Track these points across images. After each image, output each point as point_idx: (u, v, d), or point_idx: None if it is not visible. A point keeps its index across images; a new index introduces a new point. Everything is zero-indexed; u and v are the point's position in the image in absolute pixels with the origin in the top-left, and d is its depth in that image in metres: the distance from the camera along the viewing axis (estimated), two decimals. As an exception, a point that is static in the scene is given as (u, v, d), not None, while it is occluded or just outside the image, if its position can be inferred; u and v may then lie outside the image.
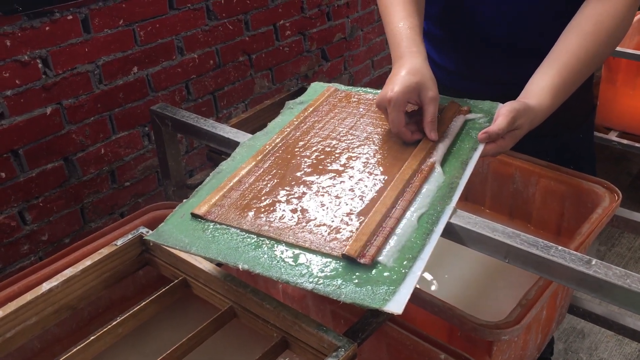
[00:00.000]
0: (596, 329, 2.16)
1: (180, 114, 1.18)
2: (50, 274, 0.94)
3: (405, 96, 0.94)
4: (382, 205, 0.84)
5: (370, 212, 0.83)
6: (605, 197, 1.11)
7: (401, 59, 1.00)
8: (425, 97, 0.95)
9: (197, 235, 0.84)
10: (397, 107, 0.94)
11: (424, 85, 0.95)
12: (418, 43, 1.02)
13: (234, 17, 2.20)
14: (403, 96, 0.94)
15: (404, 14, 1.07)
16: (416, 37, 1.04)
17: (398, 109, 0.94)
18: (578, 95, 1.06)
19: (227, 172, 0.96)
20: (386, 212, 0.83)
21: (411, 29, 1.04)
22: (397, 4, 1.08)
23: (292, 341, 0.82)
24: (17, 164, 1.73)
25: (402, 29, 1.04)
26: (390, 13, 1.09)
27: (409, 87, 0.94)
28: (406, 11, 1.07)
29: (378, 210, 0.83)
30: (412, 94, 0.95)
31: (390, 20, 1.08)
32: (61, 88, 1.76)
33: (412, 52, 1.00)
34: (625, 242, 2.56)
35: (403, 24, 1.05)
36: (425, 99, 0.96)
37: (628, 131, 2.64)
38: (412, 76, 0.95)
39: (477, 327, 0.88)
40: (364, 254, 0.76)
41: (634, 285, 0.70)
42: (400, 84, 0.94)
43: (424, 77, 0.96)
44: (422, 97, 0.96)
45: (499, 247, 0.80)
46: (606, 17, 1.00)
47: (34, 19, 1.65)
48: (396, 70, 0.98)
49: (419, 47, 1.01)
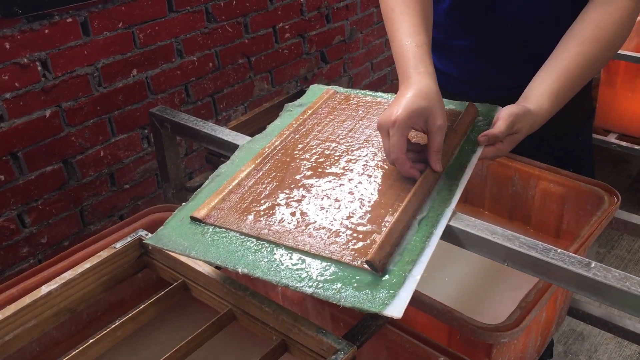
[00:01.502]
0: (596, 331, 2.16)
1: (180, 117, 1.18)
2: (50, 277, 0.94)
3: (411, 120, 0.87)
4: (404, 214, 0.81)
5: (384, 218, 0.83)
6: (605, 199, 1.11)
7: (409, 80, 0.92)
8: (433, 124, 0.88)
9: (196, 238, 0.84)
10: (401, 130, 0.86)
11: (432, 111, 0.88)
12: (427, 63, 0.95)
13: (233, 20, 2.20)
14: (408, 120, 0.86)
15: (411, 29, 0.99)
16: (424, 55, 0.96)
17: (401, 132, 0.86)
18: (577, 99, 1.06)
19: (226, 175, 0.96)
20: (406, 223, 0.81)
21: (419, 46, 0.96)
22: (404, 19, 1.00)
23: (292, 344, 0.82)
24: (16, 166, 1.73)
25: (410, 47, 0.96)
26: (396, 28, 1.01)
27: (416, 112, 0.87)
28: (414, 27, 0.99)
29: (400, 219, 0.80)
30: (419, 118, 0.87)
31: (396, 36, 1.00)
32: (60, 90, 1.76)
33: (420, 72, 0.92)
34: (625, 244, 2.56)
35: (410, 41, 0.97)
36: (433, 126, 0.88)
37: (627, 133, 2.65)
38: (421, 100, 0.88)
39: (477, 330, 0.88)
40: (383, 265, 0.75)
41: (633, 287, 0.70)
42: (407, 106, 0.87)
43: (432, 102, 0.88)
44: (430, 124, 0.88)
45: (498, 249, 0.80)
46: (606, 23, 1.00)
47: (33, 21, 1.65)
48: (403, 91, 0.91)
49: (427, 68, 0.94)
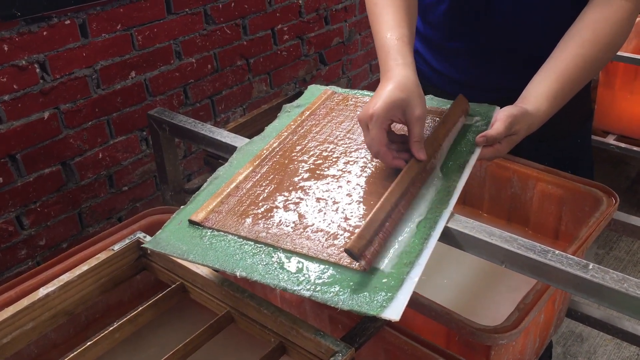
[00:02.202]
0: (594, 333, 2.16)
1: (178, 119, 1.18)
2: (48, 279, 0.94)
3: (389, 113, 0.87)
4: (386, 203, 0.81)
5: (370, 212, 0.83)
6: (603, 200, 1.11)
7: (388, 72, 0.93)
8: (412, 115, 0.88)
9: (194, 242, 0.83)
10: (379, 123, 0.86)
11: (410, 102, 0.88)
12: (405, 54, 0.95)
13: (231, 22, 2.21)
14: (386, 113, 0.86)
15: (392, 23, 0.99)
16: (404, 48, 0.96)
17: (379, 125, 0.87)
18: (575, 101, 1.06)
19: (224, 177, 0.96)
20: (389, 212, 0.80)
21: (399, 39, 0.97)
22: (386, 13, 1.01)
23: (290, 346, 0.82)
24: (15, 168, 1.73)
25: (390, 40, 0.97)
26: (378, 22, 1.02)
27: (394, 104, 0.87)
28: (395, 21, 1.00)
29: (382, 207, 0.80)
30: (397, 110, 0.87)
31: (378, 29, 1.01)
32: (59, 93, 1.76)
33: (398, 64, 0.93)
34: (624, 246, 2.56)
35: (391, 35, 0.98)
36: (412, 117, 0.88)
37: (626, 135, 2.65)
38: (399, 92, 0.88)
39: (475, 332, 0.88)
40: (364, 254, 0.74)
41: (631, 289, 0.70)
42: (384, 99, 0.87)
43: (410, 94, 0.88)
44: (408, 115, 0.88)
45: (496, 251, 0.80)
46: (605, 24, 1.00)
47: (31, 23, 1.65)
48: (382, 84, 0.91)
49: (406, 59, 0.94)
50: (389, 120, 0.88)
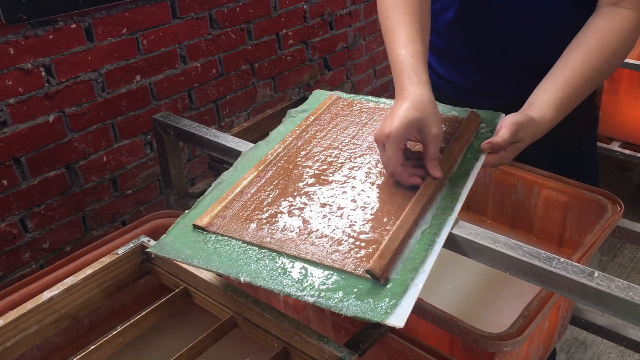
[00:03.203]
0: (598, 340, 2.15)
1: (182, 123, 1.18)
2: (51, 283, 0.94)
3: (406, 133, 0.87)
4: (405, 222, 0.81)
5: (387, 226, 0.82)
6: (608, 207, 1.11)
7: (403, 91, 0.93)
8: (428, 134, 0.88)
9: (199, 247, 0.83)
10: (395, 143, 0.87)
11: (427, 121, 0.88)
12: (420, 72, 0.95)
13: (236, 26, 2.21)
14: (402, 133, 0.87)
15: (406, 39, 0.99)
16: (418, 65, 0.96)
17: (396, 145, 0.87)
18: (580, 108, 1.05)
19: (228, 182, 0.96)
20: (408, 231, 0.80)
21: (413, 56, 0.96)
22: (400, 28, 1.00)
23: (293, 352, 0.82)
24: (19, 171, 1.73)
25: (404, 57, 0.97)
26: (392, 38, 1.01)
27: (410, 123, 0.87)
28: (409, 36, 0.99)
29: (401, 226, 0.80)
30: (413, 129, 0.88)
31: (392, 46, 1.00)
32: (64, 96, 1.77)
33: (413, 83, 0.93)
34: (628, 253, 2.55)
35: (405, 52, 0.97)
36: (428, 136, 0.88)
37: (630, 141, 2.64)
38: (415, 111, 0.88)
39: (479, 339, 0.87)
40: (384, 274, 0.75)
41: (636, 297, 0.70)
42: (401, 118, 0.87)
43: (426, 113, 0.88)
44: (424, 134, 0.89)
45: (500, 258, 0.80)
46: (611, 33, 1.00)
47: (37, 27, 1.66)
48: (397, 103, 0.91)
49: (420, 77, 0.94)
50: (405, 139, 0.88)
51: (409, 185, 0.90)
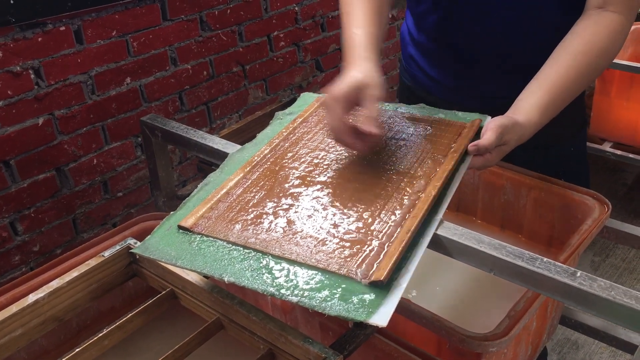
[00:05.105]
0: (590, 340, 2.15)
1: (170, 125, 1.18)
2: (38, 285, 0.94)
3: (346, 92, 0.91)
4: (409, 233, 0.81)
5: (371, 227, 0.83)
6: (595, 208, 1.11)
7: (350, 65, 0.98)
8: (366, 94, 0.91)
9: (183, 247, 0.83)
10: (339, 102, 0.90)
11: (367, 84, 0.92)
12: (370, 49, 1.00)
13: (227, 28, 2.21)
14: (343, 92, 0.91)
15: (361, 22, 1.04)
16: (369, 44, 1.01)
17: (340, 105, 0.91)
18: (569, 110, 1.06)
19: (214, 184, 0.96)
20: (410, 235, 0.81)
21: (366, 35, 1.02)
22: (357, 13, 1.06)
23: (279, 353, 0.82)
24: (9, 174, 1.73)
25: (358, 36, 1.02)
26: (349, 20, 1.06)
27: (351, 84, 0.91)
28: (365, 20, 1.04)
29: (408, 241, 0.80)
30: (354, 90, 0.91)
31: (347, 26, 1.06)
32: (53, 99, 1.76)
33: (362, 57, 0.98)
34: (620, 253, 2.56)
35: (360, 31, 1.03)
36: (367, 96, 0.91)
37: (622, 142, 2.65)
38: (357, 73, 0.93)
39: (465, 339, 0.88)
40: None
41: (618, 297, 0.70)
42: (344, 80, 0.92)
43: (367, 78, 0.93)
44: (363, 95, 0.92)
45: (484, 258, 0.80)
46: (598, 37, 1.00)
47: (26, 30, 1.65)
48: (344, 73, 0.96)
49: (370, 54, 0.99)
50: (345, 98, 0.91)
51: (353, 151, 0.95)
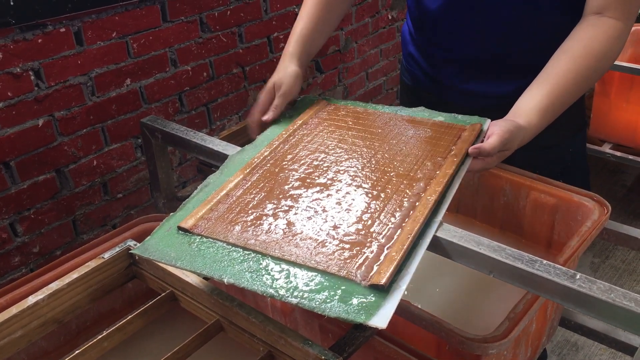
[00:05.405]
0: (590, 342, 2.15)
1: (170, 127, 1.18)
2: (37, 287, 0.94)
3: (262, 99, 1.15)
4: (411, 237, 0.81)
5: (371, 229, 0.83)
6: (595, 210, 1.11)
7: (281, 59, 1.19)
8: (277, 90, 1.14)
9: (183, 249, 0.83)
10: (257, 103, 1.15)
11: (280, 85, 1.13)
12: (301, 42, 1.19)
13: (227, 30, 2.21)
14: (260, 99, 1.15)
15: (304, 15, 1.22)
16: (300, 37, 1.20)
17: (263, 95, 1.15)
18: (569, 112, 1.06)
19: (214, 185, 0.96)
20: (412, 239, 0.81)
21: (302, 29, 1.20)
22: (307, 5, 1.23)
23: (278, 355, 0.82)
24: (9, 175, 1.72)
25: (296, 29, 1.21)
26: (300, 11, 1.24)
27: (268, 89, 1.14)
28: (309, 13, 1.22)
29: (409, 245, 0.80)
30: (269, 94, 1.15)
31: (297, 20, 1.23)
32: (53, 100, 1.76)
33: (287, 52, 1.19)
34: (620, 255, 2.55)
35: (300, 24, 1.21)
36: (277, 92, 1.14)
37: (622, 143, 2.65)
38: (275, 76, 1.15)
39: (465, 341, 0.88)
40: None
41: (617, 299, 0.70)
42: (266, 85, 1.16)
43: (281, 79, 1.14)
44: (276, 93, 1.13)
45: (484, 261, 0.80)
46: (597, 41, 1.01)
47: (26, 31, 1.65)
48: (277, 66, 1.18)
49: (297, 47, 1.19)
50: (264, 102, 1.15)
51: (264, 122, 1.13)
